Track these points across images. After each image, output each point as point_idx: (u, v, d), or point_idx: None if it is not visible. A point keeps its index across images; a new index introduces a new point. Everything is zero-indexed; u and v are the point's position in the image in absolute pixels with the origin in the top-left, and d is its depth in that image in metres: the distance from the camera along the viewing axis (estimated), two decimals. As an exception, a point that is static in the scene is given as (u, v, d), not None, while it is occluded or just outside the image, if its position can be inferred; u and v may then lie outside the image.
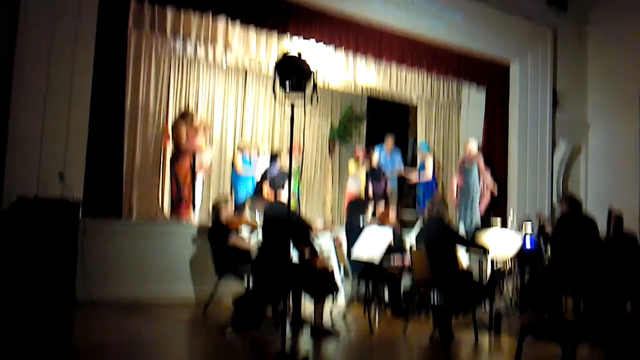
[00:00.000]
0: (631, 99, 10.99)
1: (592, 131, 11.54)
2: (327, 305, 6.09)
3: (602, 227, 7.10)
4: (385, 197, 9.93)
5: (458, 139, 11.23)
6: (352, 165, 10.36)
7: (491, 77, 10.37)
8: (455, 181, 9.96)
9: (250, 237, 6.92)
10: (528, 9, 10.49)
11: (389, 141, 10.60)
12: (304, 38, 8.11)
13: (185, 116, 7.96)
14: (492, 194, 9.89)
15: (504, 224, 8.82)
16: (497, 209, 9.97)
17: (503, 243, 6.42)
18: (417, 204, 10.36)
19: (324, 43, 8.43)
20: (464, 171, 9.79)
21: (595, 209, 9.34)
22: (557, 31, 11.09)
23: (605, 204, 7.41)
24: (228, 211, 6.77)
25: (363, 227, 6.79)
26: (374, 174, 9.96)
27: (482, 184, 9.80)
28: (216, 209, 6.67)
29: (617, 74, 11.22)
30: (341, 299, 7.34)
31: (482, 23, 9.74)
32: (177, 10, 7.51)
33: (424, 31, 9.22)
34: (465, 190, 9.71)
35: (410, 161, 11.73)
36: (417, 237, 7.40)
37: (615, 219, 7.89)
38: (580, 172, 11.44)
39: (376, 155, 10.13)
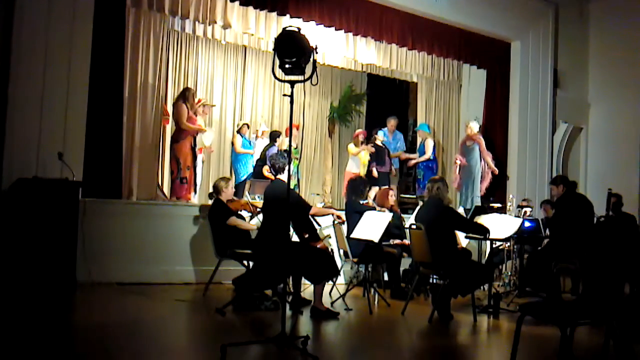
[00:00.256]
0: (632, 78, 10.92)
1: (593, 111, 11.50)
2: (327, 286, 6.12)
3: (601, 207, 7.11)
4: (388, 178, 9.95)
5: (458, 119, 11.19)
6: (352, 147, 10.34)
7: (492, 56, 10.30)
8: (457, 160, 9.94)
9: (249, 220, 6.92)
10: (530, -13, 10.40)
11: (392, 123, 10.54)
12: (304, 20, 8.03)
13: (186, 96, 7.90)
14: (493, 173, 9.88)
15: (504, 207, 8.82)
16: (498, 189, 9.98)
17: (502, 226, 6.41)
18: (418, 185, 10.36)
19: (324, 25, 8.36)
20: (466, 151, 9.80)
21: (595, 189, 9.38)
22: (559, 9, 10.99)
23: (605, 184, 7.41)
24: (229, 191, 6.76)
25: (363, 208, 6.79)
26: (378, 156, 9.94)
27: (483, 164, 9.80)
28: (217, 190, 6.67)
29: (618, 52, 11.14)
30: (341, 279, 7.39)
31: (483, 1, 9.64)
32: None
33: (425, 9, 9.13)
34: (467, 170, 9.73)
35: (410, 142, 11.71)
36: (416, 217, 7.41)
37: (614, 199, 7.91)
38: (580, 152, 11.42)
39: (381, 136, 10.11)
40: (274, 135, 9.72)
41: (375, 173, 9.86)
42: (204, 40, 10.24)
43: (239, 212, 6.81)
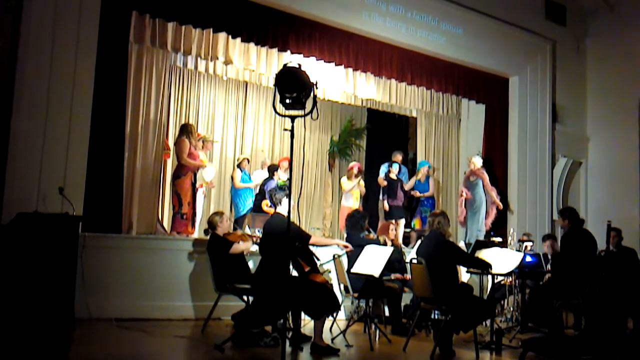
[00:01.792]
0: (630, 112, 11.03)
1: (592, 145, 11.56)
2: (327, 322, 6.05)
3: (601, 241, 7.09)
4: (401, 211, 9.94)
5: (458, 152, 11.26)
6: (345, 180, 10.34)
7: (490, 91, 10.40)
8: (462, 193, 9.97)
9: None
10: (527, 23, 10.57)
11: (397, 157, 10.54)
12: (304, 56, 8.14)
13: (187, 131, 7.94)
14: (497, 208, 9.88)
15: (505, 241, 8.80)
16: (500, 223, 9.97)
17: (503, 261, 6.38)
18: (421, 219, 10.36)
19: (324, 61, 8.47)
20: (470, 186, 9.85)
21: (596, 223, 9.35)
22: (556, 45, 11.16)
23: (606, 218, 7.41)
24: (224, 225, 6.73)
25: (364, 242, 6.77)
26: (390, 189, 9.95)
27: (488, 199, 9.81)
28: (212, 225, 6.65)
29: (616, 87, 11.26)
30: (341, 315, 7.32)
31: (481, 37, 9.80)
32: (178, 25, 7.55)
33: (423, 46, 9.26)
34: (471, 204, 9.77)
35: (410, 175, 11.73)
36: (417, 251, 7.39)
37: (614, 234, 7.89)
38: (580, 186, 11.44)
39: (395, 169, 10.13)
40: (271, 169, 9.75)
41: (386, 206, 9.87)
42: (205, 76, 10.36)
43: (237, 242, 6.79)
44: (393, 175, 10.11)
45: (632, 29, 10.99)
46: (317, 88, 4.33)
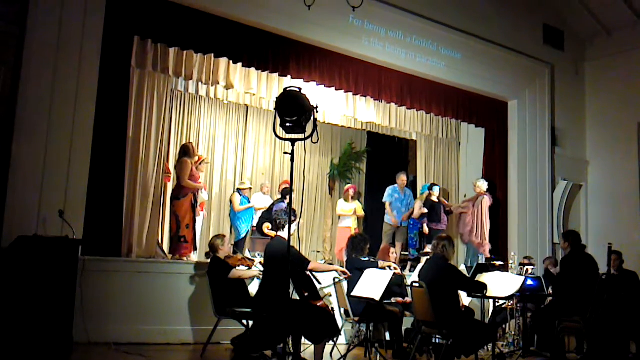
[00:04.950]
0: (629, 135, 11.07)
1: (592, 168, 11.58)
2: (328, 346, 6.00)
3: (602, 264, 7.07)
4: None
5: (458, 176, 11.28)
6: (342, 203, 10.32)
7: (489, 115, 10.45)
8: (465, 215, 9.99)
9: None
10: (525, 48, 10.66)
11: (402, 178, 10.48)
12: (305, 81, 8.18)
13: (188, 152, 7.97)
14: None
15: (505, 265, 8.76)
16: (502, 248, 9.95)
17: (504, 285, 6.33)
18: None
19: (325, 85, 8.52)
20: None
21: (596, 247, 9.34)
22: (555, 69, 11.24)
23: (606, 241, 7.40)
24: (225, 249, 6.73)
25: (364, 265, 6.74)
26: (433, 212, 9.86)
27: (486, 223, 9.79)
28: (213, 248, 6.64)
29: (615, 110, 11.32)
30: (342, 339, 7.26)
31: (480, 62, 9.87)
32: (180, 51, 7.62)
33: (423, 70, 9.31)
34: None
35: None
36: (419, 274, 7.35)
37: (615, 256, 7.87)
38: (580, 209, 11.43)
39: (436, 192, 10.05)
40: (285, 192, 9.73)
41: (426, 229, 9.76)
42: (206, 100, 10.43)
43: (237, 268, 6.77)
44: (434, 198, 10.01)
45: (630, 53, 11.09)
46: (317, 111, 4.35)
